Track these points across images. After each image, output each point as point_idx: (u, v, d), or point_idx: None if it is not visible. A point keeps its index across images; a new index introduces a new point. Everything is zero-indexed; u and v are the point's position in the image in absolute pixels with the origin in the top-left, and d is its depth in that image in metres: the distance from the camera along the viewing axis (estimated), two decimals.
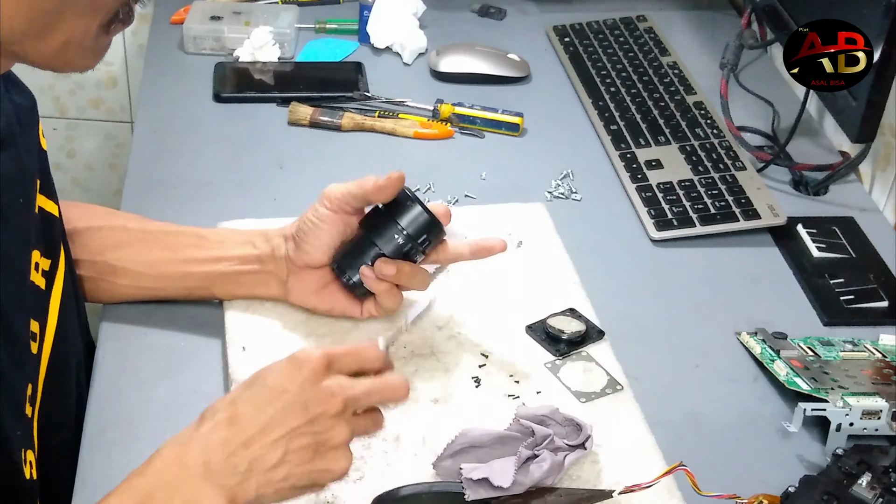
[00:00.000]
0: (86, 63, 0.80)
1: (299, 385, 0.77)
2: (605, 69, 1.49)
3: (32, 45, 0.75)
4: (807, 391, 0.98)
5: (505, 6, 1.66)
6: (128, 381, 1.01)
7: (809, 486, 0.88)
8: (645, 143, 1.35)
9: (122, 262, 1.03)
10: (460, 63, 1.48)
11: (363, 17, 1.53)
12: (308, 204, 1.21)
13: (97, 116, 1.98)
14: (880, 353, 1.07)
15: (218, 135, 1.36)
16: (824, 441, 0.98)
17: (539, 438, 0.89)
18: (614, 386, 1.01)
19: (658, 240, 1.22)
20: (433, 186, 1.27)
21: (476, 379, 1.00)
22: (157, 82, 1.46)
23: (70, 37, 0.75)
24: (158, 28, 1.57)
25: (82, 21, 0.75)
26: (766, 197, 1.25)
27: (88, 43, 0.77)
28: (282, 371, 0.78)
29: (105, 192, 2.03)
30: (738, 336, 1.10)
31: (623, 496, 0.87)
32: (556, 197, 1.28)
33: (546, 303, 1.09)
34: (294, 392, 0.77)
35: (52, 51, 0.76)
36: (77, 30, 0.75)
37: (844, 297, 1.15)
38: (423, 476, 0.90)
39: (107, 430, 0.96)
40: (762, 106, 1.45)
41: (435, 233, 0.97)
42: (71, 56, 0.78)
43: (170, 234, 1.04)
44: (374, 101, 1.41)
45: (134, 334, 1.05)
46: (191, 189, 1.26)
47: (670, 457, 0.93)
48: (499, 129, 1.39)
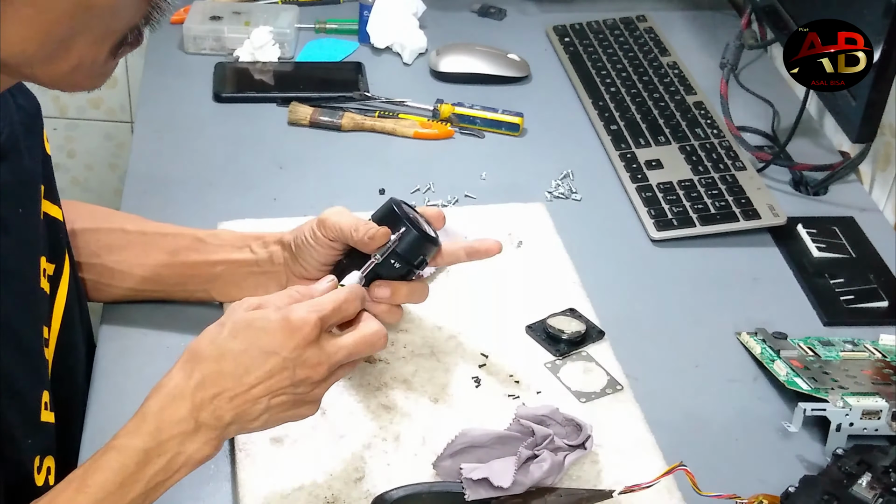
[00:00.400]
0: (93, 84, 0.80)
1: (290, 350, 0.81)
2: (605, 69, 1.49)
3: (43, 69, 0.75)
4: (807, 391, 0.98)
5: (505, 6, 1.66)
6: (128, 381, 1.01)
7: (809, 486, 0.88)
8: (645, 143, 1.35)
9: (120, 264, 1.04)
10: (460, 63, 1.48)
11: (363, 17, 1.53)
12: (308, 204, 1.22)
13: (97, 116, 1.99)
14: (880, 353, 1.07)
15: (218, 135, 1.36)
16: (824, 441, 0.98)
17: (539, 438, 0.89)
18: (614, 386, 1.01)
19: (658, 240, 1.22)
20: (433, 186, 1.27)
21: (476, 379, 1.00)
22: (157, 82, 1.46)
23: (81, 62, 0.76)
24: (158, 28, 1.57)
25: (94, 46, 0.75)
26: (766, 197, 1.25)
27: (98, 67, 0.78)
28: (275, 334, 0.81)
29: (105, 192, 2.03)
30: (738, 336, 1.10)
31: (623, 496, 0.87)
32: (556, 197, 1.28)
33: (546, 303, 1.09)
34: (283, 357, 0.81)
35: (61, 74, 0.76)
36: (88, 55, 0.75)
37: (844, 297, 1.15)
38: (423, 476, 0.90)
39: (107, 430, 0.96)
40: (762, 106, 1.45)
41: (430, 250, 0.96)
42: (80, 79, 0.78)
43: (168, 237, 1.04)
44: (374, 101, 1.41)
45: (134, 334, 1.05)
46: (191, 189, 1.26)
47: (670, 457, 0.93)
48: (499, 129, 1.39)
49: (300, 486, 0.89)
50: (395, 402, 0.97)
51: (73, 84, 0.79)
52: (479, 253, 0.98)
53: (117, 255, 1.04)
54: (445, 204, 1.24)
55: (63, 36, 0.73)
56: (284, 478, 0.89)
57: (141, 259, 1.03)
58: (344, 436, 0.93)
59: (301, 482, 0.89)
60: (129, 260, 1.04)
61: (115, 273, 1.04)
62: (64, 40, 0.73)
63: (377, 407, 0.97)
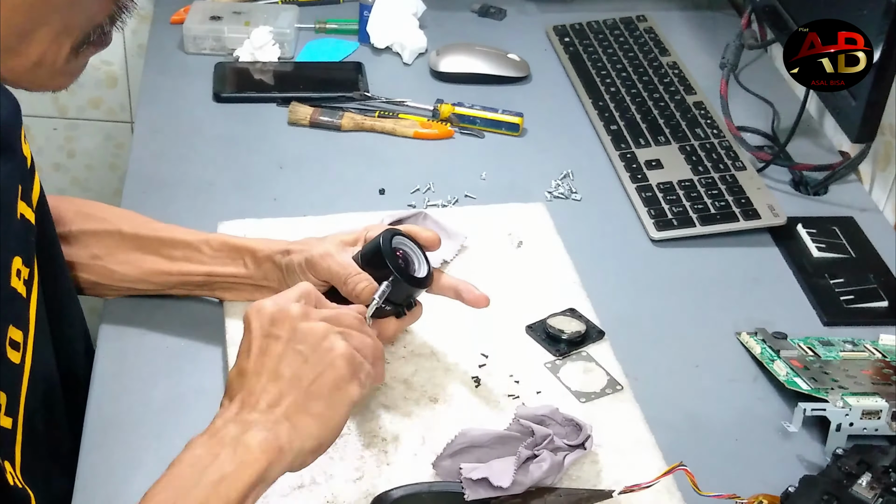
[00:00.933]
0: (58, 84, 0.80)
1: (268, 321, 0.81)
2: (605, 69, 1.49)
3: (3, 64, 0.75)
4: (807, 391, 0.98)
5: (505, 6, 1.66)
6: (128, 381, 1.01)
7: (809, 486, 0.88)
8: (645, 143, 1.35)
9: (120, 265, 1.04)
10: (460, 63, 1.48)
11: (363, 17, 1.53)
12: (308, 204, 1.22)
13: (97, 116, 1.98)
14: (880, 353, 1.07)
15: (218, 135, 1.36)
16: (824, 441, 0.98)
17: (539, 438, 0.89)
18: (614, 386, 1.01)
19: (658, 240, 1.22)
20: (433, 186, 1.27)
21: (476, 379, 1.00)
22: (157, 82, 1.46)
23: (42, 57, 0.75)
24: (158, 28, 1.57)
25: (54, 43, 0.75)
26: (766, 197, 1.25)
27: (60, 65, 0.77)
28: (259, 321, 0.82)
29: (105, 192, 2.03)
30: (738, 336, 1.10)
31: (623, 496, 0.87)
32: (556, 197, 1.28)
33: (546, 303, 1.09)
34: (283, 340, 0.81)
35: (23, 69, 0.76)
36: (49, 51, 0.75)
37: (844, 297, 1.15)
38: (422, 476, 0.90)
39: (107, 430, 0.96)
40: (762, 106, 1.45)
41: (418, 291, 0.96)
42: (43, 77, 0.78)
43: (164, 244, 1.04)
44: (374, 101, 1.41)
45: (134, 334, 1.05)
46: (191, 189, 1.26)
47: (670, 457, 0.93)
48: (499, 129, 1.39)
49: (300, 485, 0.89)
50: (395, 401, 0.97)
51: (35, 82, 0.78)
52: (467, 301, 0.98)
53: (116, 257, 1.04)
54: (445, 204, 1.24)
55: (21, 28, 0.73)
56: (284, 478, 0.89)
57: (139, 263, 1.04)
58: (344, 436, 0.93)
59: (301, 482, 0.89)
60: (127, 262, 1.04)
61: (116, 274, 1.04)
62: (22, 34, 0.73)
63: (377, 407, 0.97)
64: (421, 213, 1.16)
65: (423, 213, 1.16)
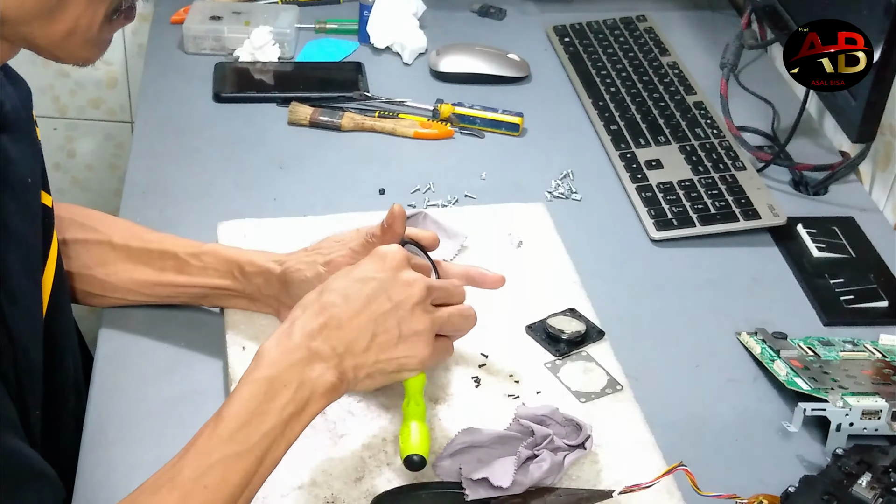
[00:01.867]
0: (88, 55, 0.83)
1: (383, 274, 0.86)
2: (605, 69, 1.49)
3: (41, 28, 0.77)
4: (807, 391, 0.98)
5: (505, 6, 1.66)
6: (128, 382, 1.01)
7: (809, 486, 0.88)
8: (645, 143, 1.35)
9: (111, 277, 1.05)
10: (460, 63, 1.48)
11: (363, 17, 1.53)
12: (308, 204, 1.22)
13: (97, 116, 1.98)
14: (880, 353, 1.07)
15: (218, 135, 1.36)
16: (824, 441, 0.98)
17: (539, 438, 0.89)
18: (614, 386, 1.01)
19: (658, 240, 1.22)
20: (433, 186, 1.27)
21: (476, 379, 1.00)
22: (157, 82, 1.46)
23: (77, 24, 0.78)
24: (158, 28, 1.57)
25: (89, 8, 0.78)
26: (766, 197, 1.25)
27: (93, 33, 0.80)
28: (365, 263, 0.87)
29: (105, 192, 2.03)
30: (738, 336, 1.10)
31: (623, 496, 0.87)
32: (556, 197, 1.28)
33: (546, 303, 1.09)
34: (378, 280, 0.85)
35: (59, 35, 0.78)
36: (84, 16, 0.78)
37: (844, 297, 1.15)
38: (423, 476, 0.90)
39: (107, 429, 0.96)
40: (762, 106, 1.45)
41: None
42: (75, 45, 0.80)
43: (153, 256, 1.04)
44: (374, 101, 1.41)
45: (133, 337, 1.05)
46: (191, 189, 1.26)
47: (670, 457, 0.93)
48: (499, 129, 1.39)
49: (300, 485, 0.89)
50: (396, 402, 0.97)
51: (69, 51, 0.81)
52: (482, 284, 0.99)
53: (107, 268, 1.05)
54: (445, 204, 1.24)
55: None
56: (284, 478, 0.89)
57: (129, 274, 1.04)
58: (344, 436, 0.93)
59: (301, 482, 0.89)
60: (118, 274, 1.04)
61: (107, 285, 1.05)
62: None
63: (377, 407, 0.97)
64: (421, 213, 1.16)
65: (423, 213, 1.16)
